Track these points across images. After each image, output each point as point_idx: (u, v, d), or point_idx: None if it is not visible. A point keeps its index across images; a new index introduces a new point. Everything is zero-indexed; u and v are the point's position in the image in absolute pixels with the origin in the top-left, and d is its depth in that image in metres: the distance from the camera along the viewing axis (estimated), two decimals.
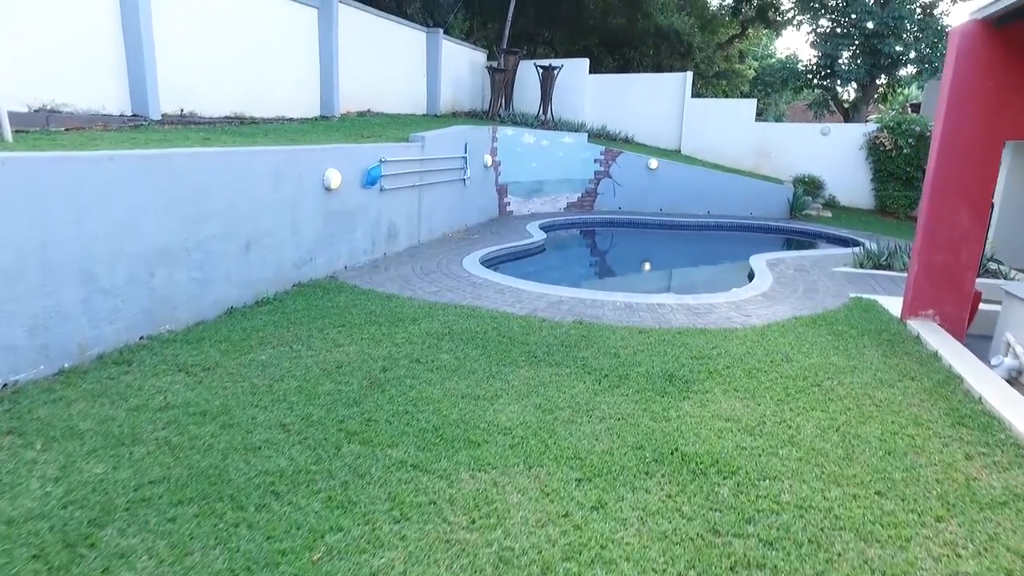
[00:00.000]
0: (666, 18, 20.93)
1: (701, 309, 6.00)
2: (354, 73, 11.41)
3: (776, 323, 5.54)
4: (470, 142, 10.59)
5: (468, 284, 6.85)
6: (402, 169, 8.47)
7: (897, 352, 4.80)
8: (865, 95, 16.94)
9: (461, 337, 5.05)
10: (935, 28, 15.60)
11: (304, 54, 10.15)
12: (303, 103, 10.27)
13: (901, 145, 13.30)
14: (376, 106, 12.26)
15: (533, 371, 4.34)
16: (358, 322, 5.41)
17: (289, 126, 9.19)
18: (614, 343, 4.92)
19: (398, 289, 6.59)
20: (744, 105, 15.39)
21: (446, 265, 7.78)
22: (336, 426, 3.49)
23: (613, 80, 16.41)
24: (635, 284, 8.76)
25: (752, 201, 13.24)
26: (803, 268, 8.05)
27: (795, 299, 6.50)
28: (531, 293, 6.47)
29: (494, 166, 11.82)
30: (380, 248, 8.18)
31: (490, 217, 11.88)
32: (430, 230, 9.52)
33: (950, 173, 5.01)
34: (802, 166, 14.73)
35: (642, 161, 13.36)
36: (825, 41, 16.22)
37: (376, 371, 4.34)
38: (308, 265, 6.78)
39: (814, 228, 11.90)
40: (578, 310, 5.89)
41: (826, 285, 7.16)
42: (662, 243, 11.80)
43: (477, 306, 5.98)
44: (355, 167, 7.44)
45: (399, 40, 12.81)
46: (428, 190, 9.31)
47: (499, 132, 11.88)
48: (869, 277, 7.64)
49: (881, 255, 8.12)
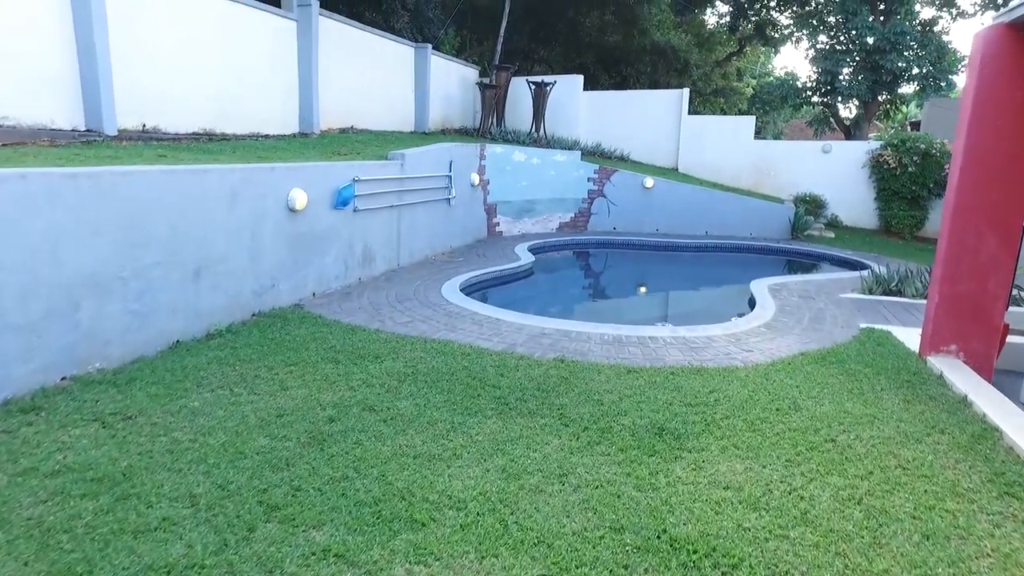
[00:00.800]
0: (663, 35, 20.64)
1: (698, 343, 5.42)
2: (336, 89, 10.96)
3: (781, 360, 4.96)
4: (456, 160, 10.10)
5: (443, 314, 6.29)
6: (379, 189, 7.95)
7: (920, 396, 4.21)
8: (867, 112, 16.52)
9: (426, 379, 4.47)
10: (936, 44, 15.25)
11: (281, 68, 9.70)
12: (280, 119, 9.80)
13: (906, 163, 12.82)
14: (360, 123, 11.80)
15: (502, 423, 3.76)
16: (314, 359, 4.84)
17: (262, 143, 8.70)
18: (598, 386, 4.34)
19: (366, 319, 6.02)
20: (743, 122, 14.94)
21: (423, 292, 7.23)
22: (256, 497, 2.90)
23: (608, 97, 16.00)
24: (628, 311, 8.17)
25: (752, 221, 12.73)
26: (808, 294, 7.49)
27: (801, 330, 5.93)
28: (511, 325, 5.90)
29: (482, 185, 11.33)
30: (354, 273, 7.63)
31: (478, 238, 11.36)
32: (411, 253, 8.98)
33: (974, 193, 4.47)
34: (803, 184, 14.24)
35: (637, 179, 12.88)
36: (825, 57, 15.83)
37: (321, 422, 3.75)
38: (270, 292, 6.22)
39: (817, 249, 11.36)
40: (561, 345, 5.31)
41: (833, 314, 6.59)
42: (658, 266, 11.25)
43: (450, 340, 5.40)
44: (324, 187, 6.91)
45: (385, 55, 12.39)
46: (408, 210, 8.78)
47: (488, 150, 11.40)
48: (879, 304, 7.08)
49: (891, 280, 7.56)
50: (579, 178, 12.97)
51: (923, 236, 13.53)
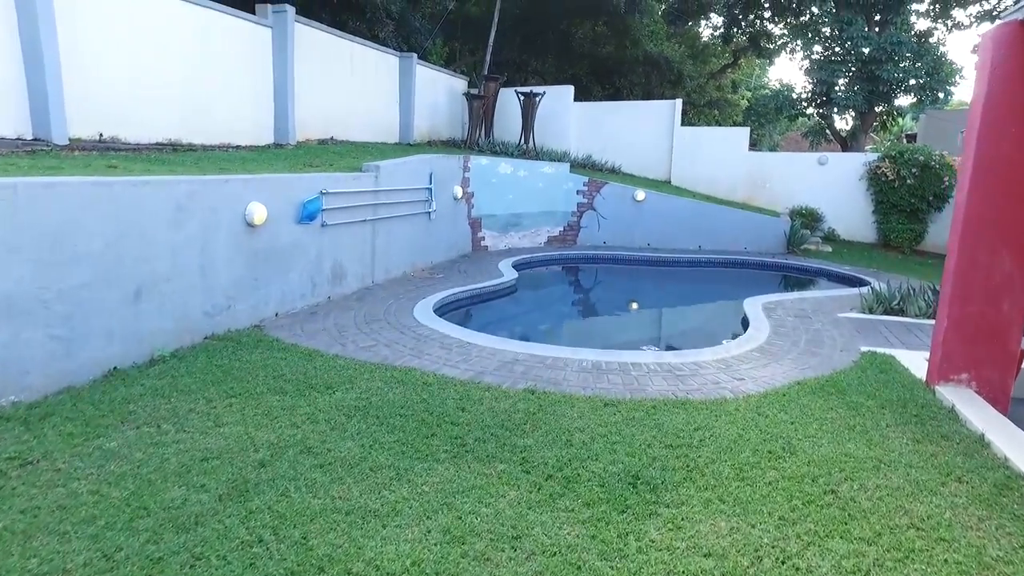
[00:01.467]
0: (656, 45, 20.37)
1: (684, 370, 4.96)
2: (315, 98, 10.57)
3: (775, 391, 4.50)
4: (437, 172, 9.68)
5: (412, 337, 5.82)
6: (350, 202, 7.52)
7: (931, 435, 3.75)
8: (863, 123, 16.17)
9: (379, 414, 4.00)
10: (932, 56, 14.94)
11: (255, 76, 9.30)
12: (253, 129, 9.39)
13: (904, 175, 12.44)
14: (341, 134, 11.40)
15: (455, 469, 3.29)
16: (259, 390, 4.37)
17: (232, 154, 8.29)
18: (569, 423, 3.87)
19: (327, 343, 5.56)
20: (737, 133, 14.59)
21: (394, 312, 6.77)
22: (144, 571, 2.43)
23: (599, 108, 15.66)
24: (613, 332, 7.70)
25: (746, 235, 12.32)
26: (804, 314, 7.04)
27: (797, 355, 5.47)
28: (483, 349, 5.44)
29: (466, 198, 10.91)
30: (322, 291, 7.17)
31: (462, 253, 10.92)
32: (387, 269, 8.53)
33: (987, 205, 4.05)
34: (799, 197, 13.86)
35: (628, 192, 12.48)
36: (820, 67, 15.51)
37: (249, 467, 3.28)
38: (225, 314, 5.76)
39: (813, 265, 10.94)
40: (534, 373, 4.85)
41: (832, 336, 6.14)
42: (648, 282, 10.81)
43: (413, 368, 4.94)
44: (287, 200, 6.48)
45: (368, 65, 12.03)
46: (384, 225, 8.35)
47: (472, 162, 10.99)
48: (880, 324, 6.63)
49: (892, 298, 7.12)
50: (568, 191, 12.57)
51: (923, 250, 13.13)
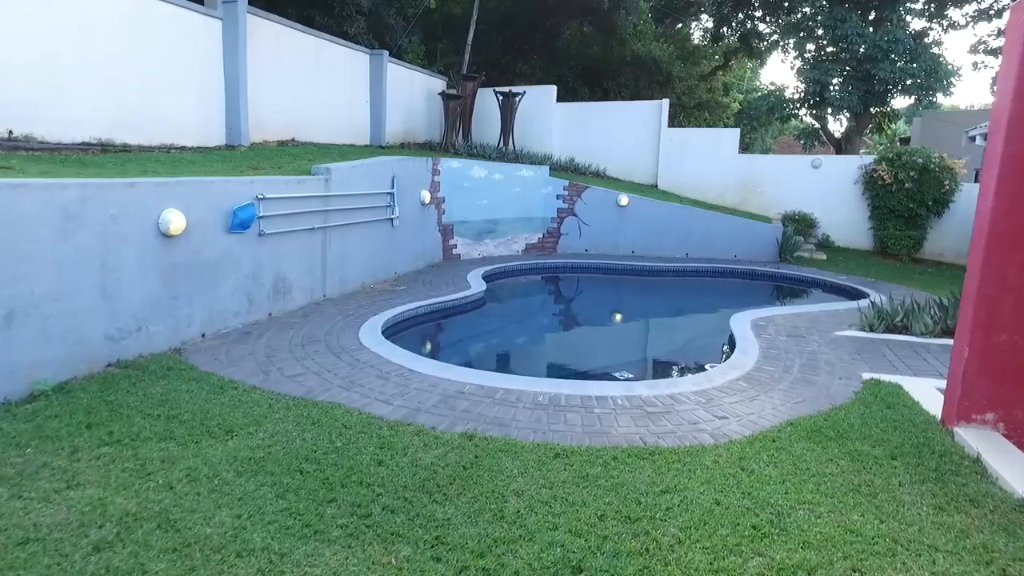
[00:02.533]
0: (644, 45, 19.72)
1: (657, 406, 4.22)
2: (274, 97, 9.83)
3: (763, 434, 3.76)
4: (401, 176, 8.95)
5: (348, 363, 5.07)
6: (295, 208, 6.78)
7: (956, 499, 3.02)
8: (858, 125, 15.52)
9: (276, 469, 3.24)
10: (928, 56, 14.29)
11: (203, 72, 8.55)
12: (201, 130, 8.63)
13: (902, 179, 11.78)
14: (305, 135, 10.65)
15: (345, 555, 2.53)
16: (144, 435, 3.61)
17: (172, 156, 7.54)
18: (506, 483, 3.12)
19: (249, 372, 4.80)
20: (726, 135, 13.91)
21: (338, 332, 6.01)
22: None
23: (583, 109, 14.97)
24: (582, 355, 6.88)
25: (736, 242, 11.62)
26: (798, 332, 6.32)
27: (789, 384, 4.74)
28: (425, 379, 4.69)
29: (436, 203, 10.17)
30: (262, 307, 6.41)
31: (431, 262, 10.17)
32: (342, 281, 7.77)
33: (1018, 213, 3.33)
34: (791, 202, 13.18)
35: (611, 197, 11.77)
36: (813, 67, 14.85)
37: (79, 554, 2.52)
38: (134, 337, 4.99)
39: (807, 274, 10.25)
40: (479, 411, 4.10)
41: (829, 359, 5.42)
42: (629, 294, 10.07)
43: (337, 404, 4.19)
44: (215, 207, 5.72)
45: (335, 62, 11.30)
46: (338, 233, 7.60)
47: (442, 164, 10.26)
48: (883, 345, 5.91)
49: (895, 314, 6.41)
50: (547, 195, 11.85)
51: (922, 258, 12.46)
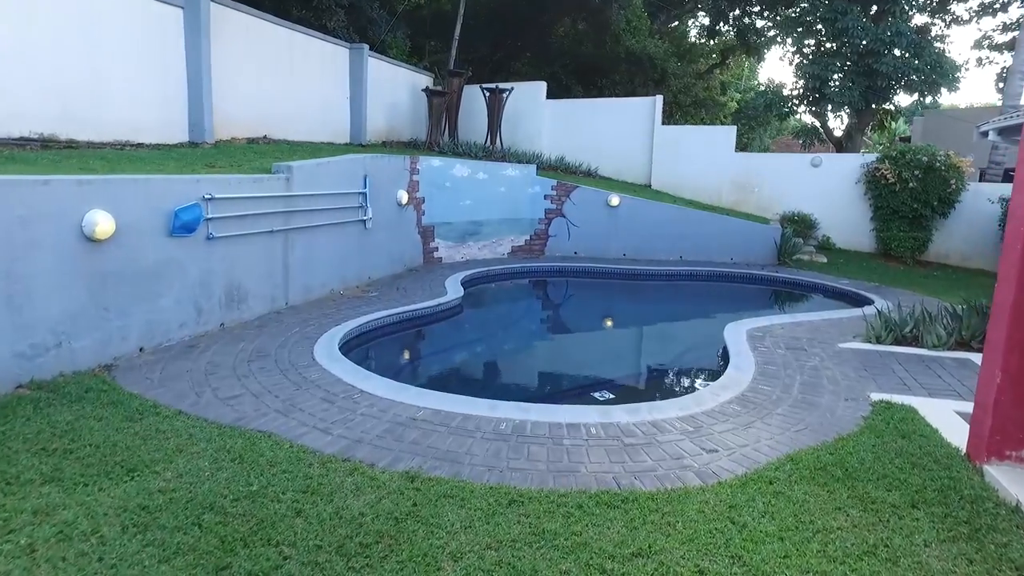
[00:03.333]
0: (638, 42, 19.18)
1: (637, 435, 3.67)
2: (243, 92, 9.29)
3: (758, 473, 3.21)
4: (375, 175, 8.40)
5: (293, 383, 4.52)
6: (252, 209, 6.23)
7: (998, 564, 2.46)
8: (859, 122, 14.96)
9: (171, 520, 2.69)
10: (931, 52, 13.72)
11: (164, 64, 8.00)
12: (161, 126, 8.07)
13: (906, 178, 11.24)
14: (278, 132, 10.10)
15: None
16: (26, 476, 3.07)
17: (124, 153, 6.98)
18: (446, 541, 2.57)
19: (179, 393, 4.25)
20: (722, 132, 13.37)
21: (292, 345, 5.46)
22: None
23: (574, 106, 14.43)
24: (561, 370, 6.26)
25: (732, 244, 11.07)
26: (798, 344, 5.77)
27: (788, 408, 4.19)
28: (376, 403, 4.13)
29: (414, 204, 9.62)
30: (212, 317, 5.85)
31: (409, 266, 9.62)
32: (306, 288, 7.22)
33: None
34: (790, 202, 12.64)
35: (601, 197, 11.22)
36: (813, 61, 14.28)
37: None
38: (52, 354, 4.44)
39: (807, 278, 9.70)
40: (430, 442, 3.55)
41: (833, 376, 4.87)
42: (618, 300, 9.50)
43: (269, 434, 3.64)
44: (154, 208, 5.17)
45: (311, 56, 10.75)
46: (302, 236, 7.05)
47: (421, 163, 9.71)
48: (891, 359, 5.36)
49: (904, 324, 5.86)
50: (534, 195, 11.30)
51: (926, 260, 11.92)
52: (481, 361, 6.54)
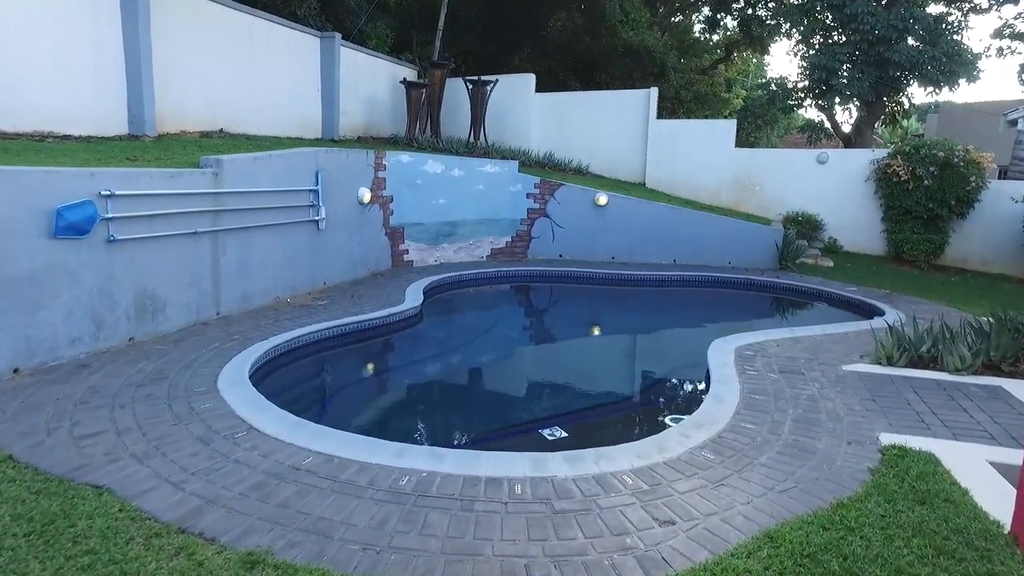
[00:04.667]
0: (636, 34, 18.33)
1: (574, 496, 2.84)
2: (196, 81, 8.52)
3: (723, 561, 2.37)
4: (329, 171, 7.62)
5: (174, 416, 3.72)
6: (167, 208, 5.45)
7: None
8: (869, 115, 13.99)
9: None
10: (948, 41, 12.72)
11: (98, 47, 7.24)
12: (97, 115, 7.33)
13: (920, 175, 10.32)
14: (237, 126, 9.34)
15: None
16: None
17: (33, 145, 6.22)
18: None
19: (24, 432, 3.48)
20: (722, 127, 12.49)
21: (198, 367, 4.67)
22: None
23: (564, 99, 13.60)
24: (511, 396, 5.25)
25: (731, 246, 10.20)
26: (794, 365, 4.91)
27: (775, 455, 3.35)
28: (261, 443, 3.33)
29: (380, 203, 8.83)
30: (118, 331, 5.07)
31: (375, 270, 8.83)
32: (243, 296, 6.44)
33: None
34: (794, 201, 11.75)
35: (587, 195, 10.38)
36: (820, 51, 13.35)
37: None
38: None
39: (811, 284, 8.80)
40: (303, 504, 2.74)
41: (834, 409, 4.01)
42: (598, 310, 8.59)
43: (105, 488, 2.85)
44: (27, 205, 4.40)
45: (276, 45, 9.98)
46: (236, 238, 6.27)
47: (388, 159, 8.93)
48: (904, 385, 4.50)
49: (920, 342, 4.99)
50: (516, 194, 10.48)
51: (942, 264, 10.99)
52: (420, 385, 5.60)
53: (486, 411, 4.52)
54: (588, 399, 4.83)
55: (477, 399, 4.78)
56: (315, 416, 4.25)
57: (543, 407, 4.72)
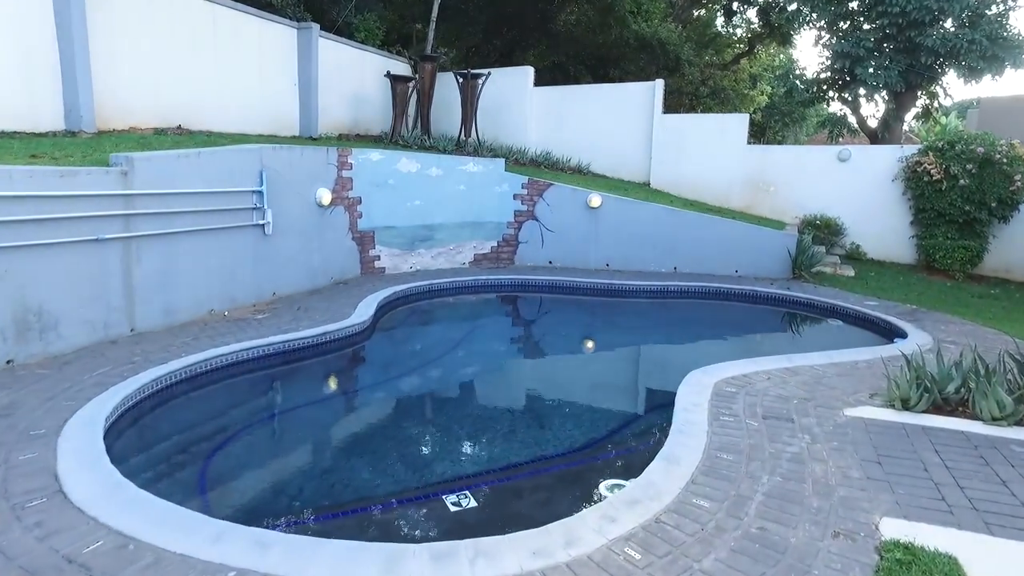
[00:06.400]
0: (649, 26, 17.32)
1: None
2: (148, 72, 7.89)
3: None
4: (278, 170, 6.90)
5: None
6: (58, 211, 4.76)
7: None
8: (899, 108, 12.72)
9: None
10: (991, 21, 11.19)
11: (24, 30, 6.63)
12: (25, 109, 6.71)
13: (955, 173, 9.17)
14: (199, 122, 8.69)
15: None
16: None
17: None
18: None
19: None
20: (732, 121, 11.45)
21: (60, 400, 3.94)
22: None
23: (564, 94, 12.70)
24: (424, 445, 4.11)
25: (738, 253, 9.18)
26: (784, 408, 3.97)
27: (727, 553, 2.44)
28: (48, 521, 2.56)
29: (346, 205, 8.08)
30: None
31: (338, 279, 8.08)
32: (166, 309, 5.72)
33: None
34: (812, 203, 10.67)
35: (579, 197, 9.48)
36: (843, 37, 12.15)
37: None
38: None
39: (825, 298, 7.74)
40: None
41: (824, 477, 3.07)
42: (575, 329, 7.54)
43: None
44: None
45: (245, 35, 9.32)
46: (156, 245, 5.57)
47: (355, 157, 8.17)
48: (922, 439, 3.53)
49: (946, 379, 3.99)
50: (502, 195, 9.63)
51: (980, 275, 9.79)
52: (320, 428, 4.47)
53: (386, 466, 3.68)
54: (519, 451, 3.88)
55: (383, 449, 3.91)
56: (160, 473, 3.47)
57: (460, 462, 3.80)
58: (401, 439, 4.19)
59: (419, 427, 4.49)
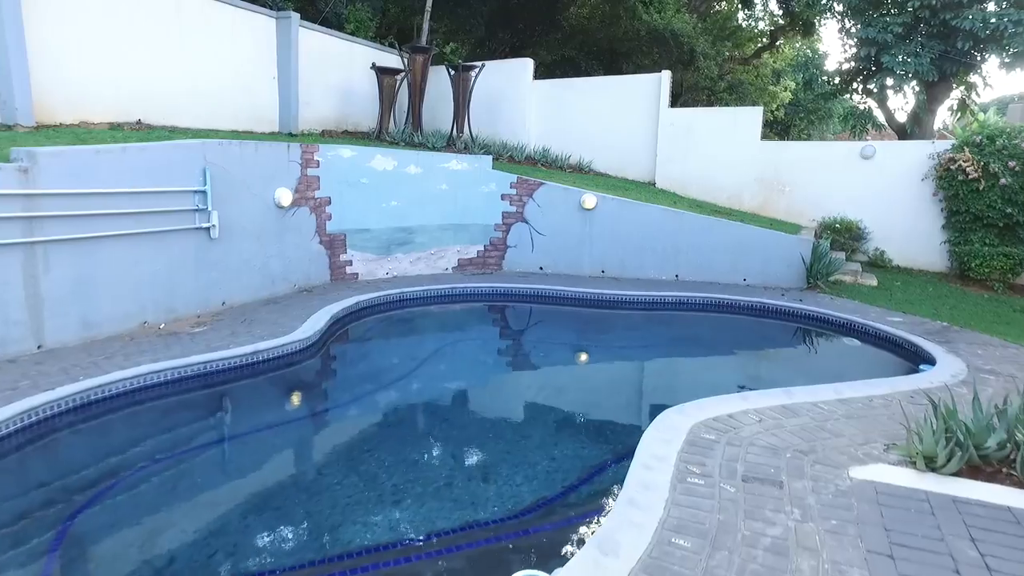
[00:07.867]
0: (662, 17, 16.41)
1: None
2: (103, 65, 7.33)
3: None
4: (227, 168, 6.26)
5: None
6: None
7: None
8: (931, 100, 11.64)
9: None
10: None
11: None
12: None
13: (995, 171, 8.18)
14: (162, 116, 8.10)
15: None
16: None
17: None
18: None
19: None
20: (744, 115, 10.53)
21: None
22: None
23: (565, 87, 11.91)
24: (317, 510, 3.19)
25: (746, 259, 8.30)
26: (771, 466, 3.16)
27: None
28: None
29: (312, 206, 7.43)
30: None
31: (303, 286, 7.43)
32: (84, 322, 5.11)
33: None
34: (832, 205, 9.72)
35: (572, 197, 8.69)
36: (868, 23, 11.12)
37: None
38: None
39: (841, 312, 6.82)
40: None
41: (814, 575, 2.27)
42: (552, 348, 6.59)
43: None
44: None
45: (216, 23, 8.72)
46: (70, 250, 4.97)
47: (322, 154, 7.51)
48: (951, 515, 2.70)
49: (984, 430, 3.14)
50: (489, 195, 8.88)
51: (1022, 285, 8.77)
52: (206, 477, 3.66)
53: (285, 532, 2.96)
54: (425, 521, 3.12)
55: (288, 506, 3.19)
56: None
57: (359, 534, 3.03)
58: (313, 491, 3.47)
59: (340, 475, 3.74)
